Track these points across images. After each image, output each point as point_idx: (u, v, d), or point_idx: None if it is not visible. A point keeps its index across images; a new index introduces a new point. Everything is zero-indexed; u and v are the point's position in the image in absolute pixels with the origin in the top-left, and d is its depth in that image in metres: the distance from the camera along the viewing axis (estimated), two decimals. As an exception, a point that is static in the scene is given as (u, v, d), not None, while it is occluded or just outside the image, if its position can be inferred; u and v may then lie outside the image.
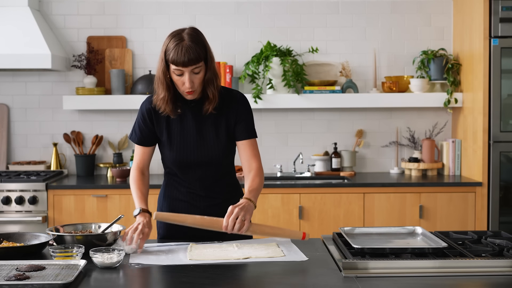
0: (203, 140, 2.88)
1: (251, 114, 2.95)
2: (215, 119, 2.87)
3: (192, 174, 2.93)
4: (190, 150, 2.88)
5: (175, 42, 2.72)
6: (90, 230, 2.81)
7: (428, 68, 5.21)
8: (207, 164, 2.91)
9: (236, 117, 2.89)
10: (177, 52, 2.69)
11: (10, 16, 4.92)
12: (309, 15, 5.33)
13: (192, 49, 2.69)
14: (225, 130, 2.89)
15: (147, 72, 5.27)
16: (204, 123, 2.87)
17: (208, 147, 2.88)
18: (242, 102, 2.93)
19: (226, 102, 2.88)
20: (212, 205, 2.95)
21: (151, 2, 5.30)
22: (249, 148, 2.92)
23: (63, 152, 5.35)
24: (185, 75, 2.73)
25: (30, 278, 2.19)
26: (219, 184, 2.97)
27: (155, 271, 2.40)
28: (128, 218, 4.64)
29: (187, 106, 2.88)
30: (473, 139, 4.89)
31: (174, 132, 2.88)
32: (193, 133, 2.87)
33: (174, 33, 2.77)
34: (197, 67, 2.72)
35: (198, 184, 2.94)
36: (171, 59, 2.72)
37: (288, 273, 2.39)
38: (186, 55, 2.68)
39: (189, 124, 2.87)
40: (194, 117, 2.87)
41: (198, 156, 2.88)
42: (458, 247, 2.56)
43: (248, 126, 2.92)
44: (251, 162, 2.91)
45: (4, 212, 4.68)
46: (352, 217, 4.73)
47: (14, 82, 5.30)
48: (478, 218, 4.74)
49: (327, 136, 5.38)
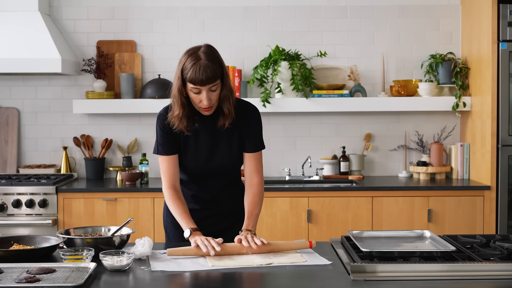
0: (216, 153, 2.93)
1: (261, 126, 3.00)
2: (229, 133, 2.92)
3: (201, 181, 3.00)
4: (203, 161, 2.93)
5: (192, 61, 2.74)
6: (100, 233, 2.83)
7: (436, 72, 5.21)
8: (218, 174, 2.98)
9: (247, 130, 2.95)
10: (195, 71, 2.71)
11: (20, 21, 4.95)
12: (318, 19, 5.34)
13: (210, 67, 2.72)
14: (238, 142, 2.95)
15: (156, 76, 5.29)
16: (218, 137, 2.92)
17: (221, 159, 2.94)
18: (254, 115, 2.97)
19: (240, 115, 2.93)
20: (214, 208, 3.01)
21: (160, 7, 5.33)
22: (253, 161, 2.97)
23: (73, 156, 5.38)
24: (202, 93, 2.76)
25: (41, 281, 2.20)
26: (226, 189, 3.03)
27: (165, 275, 2.41)
28: (137, 222, 4.66)
29: (203, 119, 2.91)
30: (481, 143, 4.89)
31: (190, 143, 2.93)
32: (207, 146, 2.92)
33: (190, 51, 2.79)
34: (214, 85, 2.76)
35: (205, 190, 3.01)
36: (189, 78, 2.74)
37: (297, 276, 2.40)
38: (204, 74, 2.71)
39: (203, 137, 2.92)
40: (209, 131, 2.92)
41: (211, 167, 2.94)
42: (466, 251, 2.57)
43: (256, 140, 2.97)
44: (254, 176, 2.97)
45: (14, 215, 4.71)
46: (360, 220, 4.73)
47: (25, 86, 5.34)
48: (486, 222, 4.73)
49: (335, 140, 5.39)
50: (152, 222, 4.72)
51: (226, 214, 3.05)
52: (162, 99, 5.03)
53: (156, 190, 4.74)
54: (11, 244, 2.69)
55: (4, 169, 5.26)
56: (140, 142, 5.37)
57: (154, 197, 4.72)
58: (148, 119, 5.34)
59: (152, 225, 4.72)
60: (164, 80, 5.18)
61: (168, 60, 5.33)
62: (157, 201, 4.72)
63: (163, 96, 5.06)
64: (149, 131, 5.35)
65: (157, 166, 5.33)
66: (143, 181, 4.99)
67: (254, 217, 2.89)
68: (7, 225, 4.66)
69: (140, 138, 5.37)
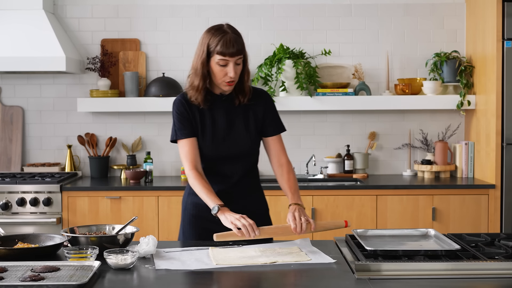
0: (233, 133, 2.97)
1: (276, 109, 3.09)
2: (244, 112, 2.99)
3: (220, 167, 2.99)
4: (220, 142, 2.95)
5: (219, 34, 2.84)
6: (104, 231, 2.83)
7: (441, 70, 5.20)
8: (236, 158, 2.98)
9: (264, 112, 3.02)
10: (225, 43, 2.82)
11: (25, 19, 4.96)
12: (322, 17, 5.33)
13: (238, 40, 2.86)
14: (254, 123, 3.00)
15: (160, 74, 5.29)
16: (234, 116, 2.98)
17: (238, 139, 2.97)
18: (269, 98, 3.08)
19: (253, 97, 3.00)
20: (234, 201, 2.96)
21: (165, 5, 5.33)
22: (278, 143, 3.06)
23: (77, 154, 5.39)
24: (229, 65, 2.85)
25: (45, 279, 2.21)
26: (244, 181, 3.03)
27: (169, 273, 2.41)
28: (142, 220, 4.66)
29: (218, 100, 2.97)
30: (486, 141, 4.88)
31: (207, 125, 2.96)
32: (224, 125, 2.96)
33: (215, 27, 2.89)
34: (240, 58, 2.87)
35: (225, 180, 2.99)
36: (218, 50, 2.82)
37: (302, 275, 2.40)
38: (235, 46, 2.83)
39: (220, 117, 2.96)
40: (225, 110, 2.97)
41: (228, 147, 2.96)
42: (471, 249, 2.56)
43: (276, 122, 3.06)
44: (281, 157, 3.05)
45: (19, 213, 4.72)
46: (365, 219, 4.73)
47: (29, 84, 5.35)
48: (491, 220, 4.72)
49: (339, 138, 5.39)
50: (156, 220, 4.72)
51: (245, 209, 2.96)
52: (167, 98, 5.04)
53: (160, 189, 4.74)
54: (15, 242, 2.69)
55: (8, 167, 5.27)
56: (144, 140, 5.37)
57: (159, 196, 4.72)
58: (152, 118, 5.35)
59: (156, 223, 4.72)
60: (168, 78, 5.18)
61: (172, 58, 5.33)
62: (162, 199, 4.72)
63: (167, 94, 5.06)
64: (154, 130, 5.35)
65: (161, 164, 5.35)
66: (147, 179, 5.00)
67: (297, 192, 2.96)
68: (11, 224, 4.67)
69: (145, 136, 5.37)
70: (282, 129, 3.08)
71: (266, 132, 3.03)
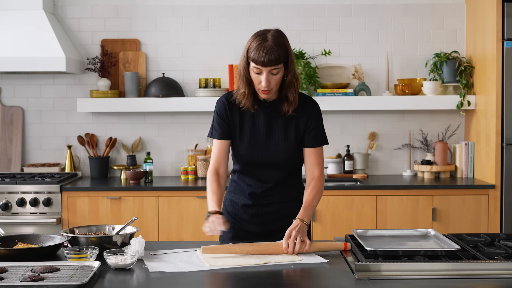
0: (272, 140, 2.92)
1: (322, 121, 3.00)
2: (286, 121, 2.93)
3: (256, 172, 2.97)
4: (258, 148, 2.92)
5: (258, 41, 2.77)
6: (104, 232, 2.83)
7: (441, 70, 5.20)
8: (272, 165, 2.95)
9: (306, 123, 2.94)
10: (259, 52, 2.75)
11: (25, 20, 4.96)
12: (322, 18, 5.33)
13: (274, 50, 2.75)
14: (294, 133, 2.94)
15: (160, 74, 5.29)
16: (274, 124, 2.93)
17: (275, 147, 2.92)
18: (314, 108, 2.97)
19: (300, 107, 2.93)
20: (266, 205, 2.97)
21: (165, 6, 5.33)
22: (314, 155, 2.99)
23: (77, 155, 5.39)
24: (263, 74, 2.79)
25: (45, 279, 2.21)
26: (279, 186, 2.99)
27: (169, 274, 2.41)
28: (142, 220, 4.67)
29: (262, 105, 2.93)
30: (486, 142, 4.88)
31: (246, 129, 2.93)
32: (263, 132, 2.92)
33: (260, 33, 2.82)
34: (275, 68, 2.78)
35: (258, 183, 2.98)
36: (252, 57, 2.77)
37: (301, 275, 2.40)
38: (267, 56, 2.74)
39: (260, 123, 2.93)
40: (267, 117, 2.92)
41: (264, 154, 2.92)
42: (471, 250, 2.56)
43: (318, 134, 2.98)
44: (314, 170, 2.98)
45: (19, 213, 4.72)
46: (364, 219, 4.73)
47: (29, 85, 5.35)
48: (491, 221, 4.72)
49: (340, 138, 5.39)
50: (156, 220, 4.72)
51: (278, 214, 2.99)
52: (167, 98, 5.04)
53: (160, 189, 4.74)
54: (15, 242, 2.69)
55: (8, 167, 5.27)
56: (144, 140, 5.37)
57: (158, 196, 4.72)
58: (152, 118, 5.35)
59: (156, 223, 4.72)
60: (168, 78, 5.18)
61: (172, 58, 5.33)
62: (161, 199, 4.72)
63: (167, 94, 5.07)
64: (154, 130, 5.35)
65: (161, 165, 5.35)
66: (147, 180, 5.00)
67: (311, 209, 2.86)
68: (11, 224, 4.67)
69: (145, 136, 5.37)
70: (323, 142, 3.00)
71: (304, 143, 2.97)
